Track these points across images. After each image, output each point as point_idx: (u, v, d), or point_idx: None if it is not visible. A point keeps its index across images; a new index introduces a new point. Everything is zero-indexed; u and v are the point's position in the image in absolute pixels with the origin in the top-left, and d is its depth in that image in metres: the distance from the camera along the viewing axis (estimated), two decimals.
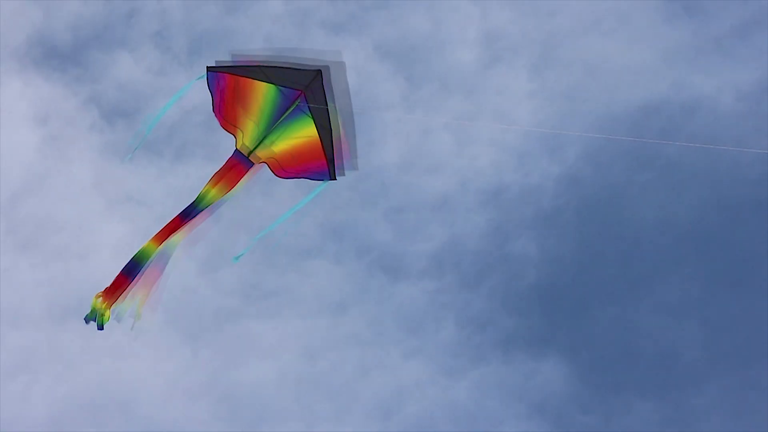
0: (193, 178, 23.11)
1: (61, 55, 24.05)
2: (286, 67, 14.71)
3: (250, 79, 14.81)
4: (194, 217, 14.95)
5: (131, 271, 14.93)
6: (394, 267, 23.01)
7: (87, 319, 15.07)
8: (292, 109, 14.78)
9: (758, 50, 23.31)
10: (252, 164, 15.03)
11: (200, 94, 23.65)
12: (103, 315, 14.96)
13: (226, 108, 14.94)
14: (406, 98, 23.62)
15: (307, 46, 23.84)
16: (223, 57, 14.99)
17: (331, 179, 14.85)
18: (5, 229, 22.62)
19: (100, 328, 15.06)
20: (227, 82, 14.86)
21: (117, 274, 14.97)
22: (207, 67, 14.93)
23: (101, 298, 14.94)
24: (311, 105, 14.68)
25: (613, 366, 22.38)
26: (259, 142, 14.97)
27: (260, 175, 15.14)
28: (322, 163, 14.83)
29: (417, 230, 23.14)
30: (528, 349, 22.58)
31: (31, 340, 22.11)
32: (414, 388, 22.32)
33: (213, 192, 14.95)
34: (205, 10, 24.18)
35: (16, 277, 22.35)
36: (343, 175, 14.88)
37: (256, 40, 23.78)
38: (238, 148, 14.97)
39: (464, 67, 23.93)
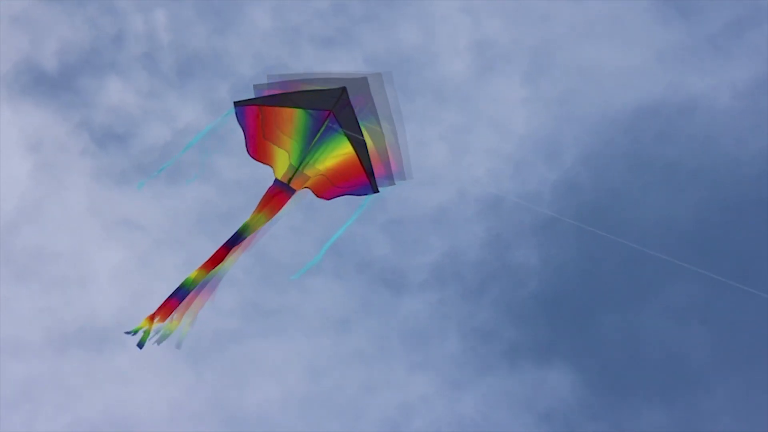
0: (187, 199, 23.02)
1: (49, 82, 23.91)
2: (311, 90, 14.77)
3: (279, 108, 14.79)
4: (239, 244, 14.92)
5: (180, 295, 14.93)
6: (395, 281, 22.91)
7: (132, 333, 14.90)
8: (323, 129, 14.76)
9: (752, 47, 23.27)
10: (294, 191, 15.01)
11: (192, 115, 23.56)
12: (146, 332, 14.88)
13: (258, 141, 14.89)
14: (399, 111, 23.47)
15: (297, 62, 23.76)
16: (230, 80, 14.86)
17: (373, 192, 14.86)
18: (1, 258, 22.48)
19: (140, 346, 14.93)
20: (256, 115, 14.80)
21: (166, 298, 14.91)
22: (234, 102, 14.82)
23: (153, 318, 14.90)
24: (341, 123, 14.72)
25: (620, 372, 22.30)
26: (297, 168, 14.96)
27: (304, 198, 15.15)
28: (363, 178, 14.85)
29: (416, 242, 23.04)
30: (534, 358, 22.49)
31: (31, 369, 21.99)
32: (420, 402, 22.22)
33: (257, 220, 14.94)
34: (193, 30, 24.05)
35: (15, 307, 22.23)
36: (393, 185, 14.96)
37: (246, 58, 23.66)
38: (278, 177, 14.91)
39: (457, 77, 23.84)
